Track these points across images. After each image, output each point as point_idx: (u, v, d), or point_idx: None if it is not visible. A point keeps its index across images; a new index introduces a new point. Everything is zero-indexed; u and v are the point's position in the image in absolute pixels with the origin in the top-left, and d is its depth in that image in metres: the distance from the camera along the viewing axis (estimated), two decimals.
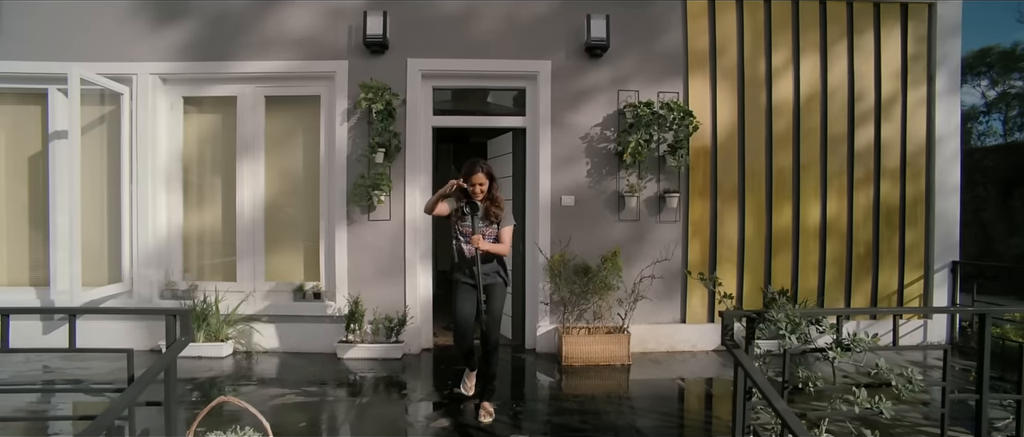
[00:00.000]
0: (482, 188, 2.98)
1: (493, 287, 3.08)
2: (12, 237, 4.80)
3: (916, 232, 4.88)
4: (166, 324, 2.18)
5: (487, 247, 2.97)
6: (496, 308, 3.10)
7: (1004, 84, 16.24)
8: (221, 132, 4.81)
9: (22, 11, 4.58)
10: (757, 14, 4.73)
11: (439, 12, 4.56)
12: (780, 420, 1.89)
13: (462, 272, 3.09)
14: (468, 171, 2.97)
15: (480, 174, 2.97)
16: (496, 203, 3.05)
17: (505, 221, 3.08)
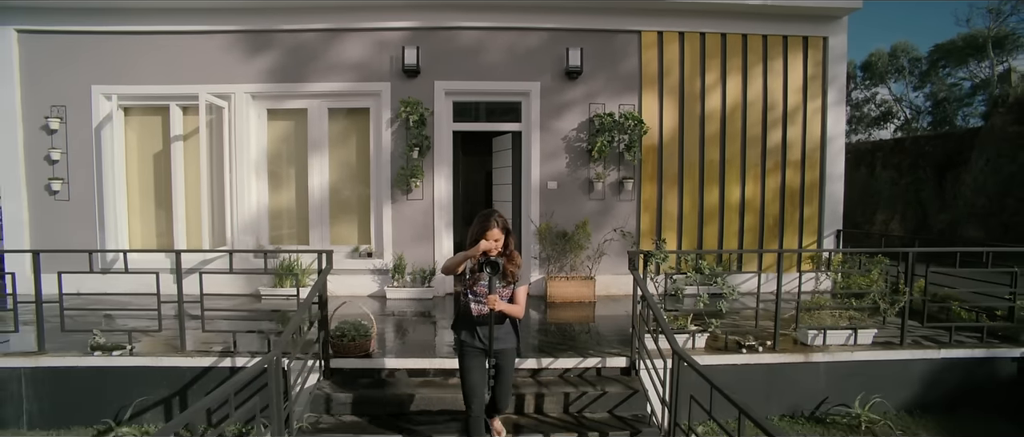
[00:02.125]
0: (498, 244, 2.73)
1: (505, 353, 2.89)
2: (144, 213, 6.50)
3: (812, 208, 6.55)
4: (318, 257, 3.90)
5: (503, 308, 2.72)
6: (508, 376, 2.96)
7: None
8: (295, 135, 6.47)
9: (148, 45, 6.21)
10: (694, 45, 6.34)
11: (457, 45, 6.18)
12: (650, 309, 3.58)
13: (471, 334, 2.84)
14: (483, 227, 2.69)
15: (495, 229, 2.70)
16: (513, 261, 2.81)
17: (521, 280, 2.86)
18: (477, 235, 2.69)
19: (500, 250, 2.75)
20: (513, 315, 2.83)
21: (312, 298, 3.65)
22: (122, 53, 6.20)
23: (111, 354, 3.97)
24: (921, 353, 4.22)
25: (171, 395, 3.94)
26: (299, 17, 6.14)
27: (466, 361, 2.84)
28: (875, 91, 31.96)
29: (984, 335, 4.44)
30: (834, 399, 4.12)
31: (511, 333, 2.92)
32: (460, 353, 2.88)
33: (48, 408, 3.95)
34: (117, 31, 6.17)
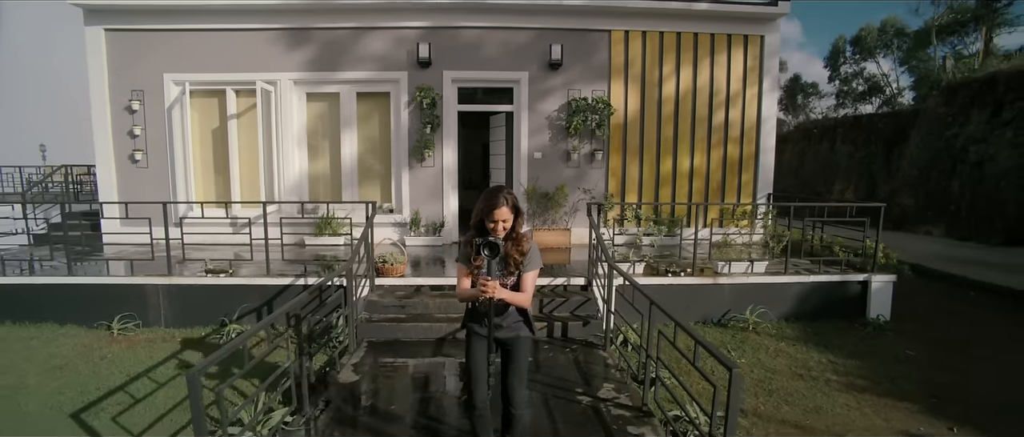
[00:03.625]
0: (505, 225, 2.44)
1: (515, 341, 2.59)
2: (205, 178, 8.03)
3: (748, 175, 8.11)
4: (367, 208, 5.47)
5: (504, 295, 2.39)
6: (520, 365, 2.60)
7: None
8: (329, 114, 7.96)
9: (208, 40, 7.63)
10: (654, 41, 7.80)
11: (462, 41, 7.62)
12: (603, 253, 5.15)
13: (476, 320, 2.59)
14: (489, 205, 2.40)
15: (504, 208, 2.41)
16: (519, 245, 2.50)
17: (529, 264, 2.52)
18: (483, 213, 2.41)
19: (507, 231, 2.45)
20: (518, 304, 2.49)
21: (365, 235, 5.25)
22: (188, 47, 7.63)
23: (219, 276, 5.58)
24: (797, 278, 5.86)
25: (262, 304, 5.56)
26: (332, 17, 7.56)
27: (471, 346, 2.61)
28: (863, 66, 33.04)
29: (842, 266, 6.06)
30: (734, 311, 5.75)
31: (519, 321, 2.58)
32: (466, 338, 2.66)
33: (178, 312, 5.58)
34: (184, 29, 7.58)
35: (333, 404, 3.62)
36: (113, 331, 5.39)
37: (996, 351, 5.03)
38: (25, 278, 5.70)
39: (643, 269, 5.89)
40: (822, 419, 3.67)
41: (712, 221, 7.88)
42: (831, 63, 34.67)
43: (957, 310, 6.35)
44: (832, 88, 34.83)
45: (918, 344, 5.18)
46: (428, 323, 4.98)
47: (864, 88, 31.95)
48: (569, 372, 4.17)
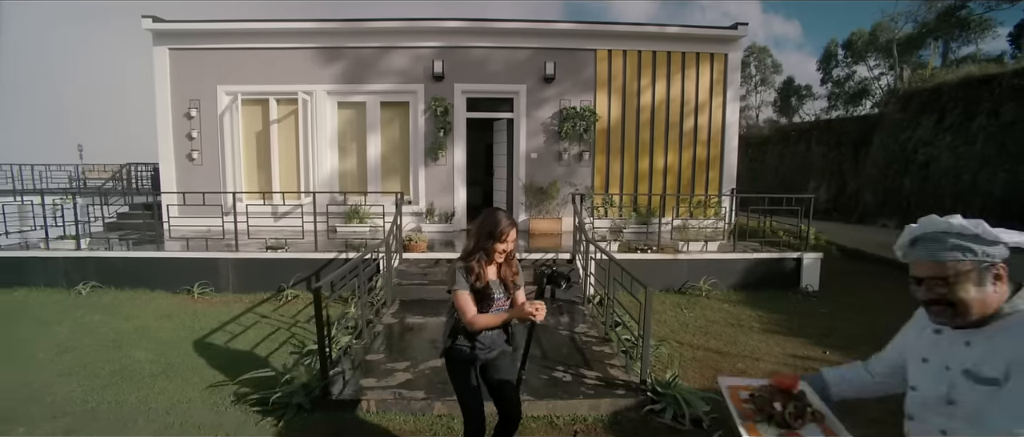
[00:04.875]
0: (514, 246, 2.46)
1: (499, 359, 2.57)
2: (250, 174, 9.40)
3: (715, 172, 9.48)
4: (396, 198, 6.86)
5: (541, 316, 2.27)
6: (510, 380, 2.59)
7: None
8: (356, 120, 9.34)
9: (254, 57, 9.00)
10: (633, 59, 9.16)
11: (470, 59, 9.00)
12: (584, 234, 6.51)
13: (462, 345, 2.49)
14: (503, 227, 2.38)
15: (514, 231, 2.42)
16: (512, 266, 2.51)
17: (522, 282, 2.58)
18: (494, 236, 2.38)
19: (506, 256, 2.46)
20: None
21: (395, 220, 6.63)
22: (238, 62, 9.00)
23: (276, 251, 6.96)
24: (743, 255, 7.23)
25: (311, 274, 6.93)
26: (361, 38, 8.94)
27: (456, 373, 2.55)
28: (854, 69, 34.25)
29: (780, 247, 7.44)
30: (691, 281, 7.11)
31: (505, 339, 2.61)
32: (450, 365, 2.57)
33: (243, 280, 6.96)
34: (234, 48, 8.96)
35: (381, 334, 5.01)
36: (194, 295, 6.77)
37: (890, 311, 6.39)
38: (123, 253, 7.09)
39: (618, 247, 7.26)
40: (737, 348, 5.04)
41: (684, 212, 9.24)
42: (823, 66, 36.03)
43: (878, 285, 7.72)
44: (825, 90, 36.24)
45: (834, 306, 6.55)
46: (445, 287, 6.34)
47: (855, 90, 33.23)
48: (556, 319, 5.54)
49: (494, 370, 2.58)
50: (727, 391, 1.69)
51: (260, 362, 4.54)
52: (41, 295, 6.66)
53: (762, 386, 1.65)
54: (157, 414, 3.61)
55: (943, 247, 1.29)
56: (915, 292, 1.36)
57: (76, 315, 5.87)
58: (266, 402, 3.63)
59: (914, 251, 1.35)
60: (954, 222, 1.30)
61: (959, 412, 1.28)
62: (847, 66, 34.38)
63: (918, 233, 1.34)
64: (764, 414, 1.54)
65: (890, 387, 1.60)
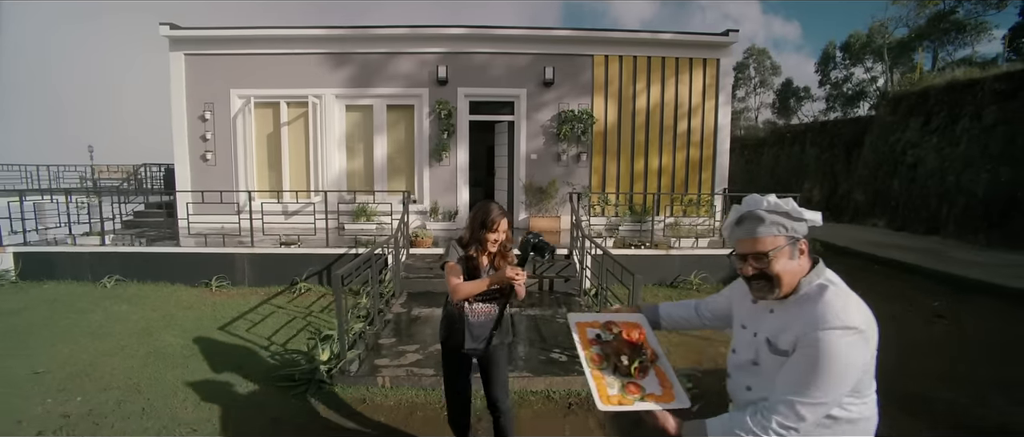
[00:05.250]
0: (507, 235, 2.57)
1: (498, 349, 2.65)
2: (261, 174, 9.81)
3: (707, 173, 9.87)
4: (403, 197, 7.26)
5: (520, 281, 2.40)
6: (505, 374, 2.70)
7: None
8: (364, 122, 9.74)
9: (266, 62, 9.41)
10: (629, 64, 9.57)
11: (473, 64, 9.40)
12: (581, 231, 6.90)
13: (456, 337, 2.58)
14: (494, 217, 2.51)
15: (505, 221, 2.52)
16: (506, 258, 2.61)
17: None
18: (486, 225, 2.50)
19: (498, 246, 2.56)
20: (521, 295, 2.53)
21: (403, 217, 7.02)
22: (250, 67, 9.41)
23: (289, 247, 7.36)
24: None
25: (322, 268, 7.33)
26: (368, 44, 9.36)
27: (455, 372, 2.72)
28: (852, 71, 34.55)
29: None
30: (683, 275, 7.52)
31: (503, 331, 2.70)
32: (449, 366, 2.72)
33: (258, 274, 7.36)
34: (246, 53, 9.37)
35: (391, 322, 5.41)
36: (212, 287, 7.18)
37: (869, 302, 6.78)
38: (145, 248, 7.49)
39: (613, 244, 7.66)
40: (721, 335, 5.41)
41: (677, 210, 9.64)
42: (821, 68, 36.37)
43: (858, 276, 8.08)
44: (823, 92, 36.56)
45: None
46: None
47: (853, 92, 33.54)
48: (553, 310, 5.94)
49: (487, 362, 2.66)
50: (576, 329, 1.75)
51: (281, 346, 4.94)
52: (70, 288, 7.06)
53: (607, 324, 1.77)
54: (195, 388, 4.00)
55: (763, 224, 1.40)
56: (740, 268, 1.47)
57: (105, 305, 6.27)
58: (292, 378, 4.03)
59: (740, 230, 1.45)
60: (770, 200, 1.42)
61: (761, 372, 1.45)
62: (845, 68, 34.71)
63: (743, 211, 1.45)
64: (610, 363, 1.65)
65: (712, 326, 1.79)
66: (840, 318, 1.29)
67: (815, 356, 1.28)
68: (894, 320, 6.02)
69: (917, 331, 5.65)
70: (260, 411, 3.70)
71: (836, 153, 16.38)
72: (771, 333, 1.42)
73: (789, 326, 1.37)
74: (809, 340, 1.30)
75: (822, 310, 1.32)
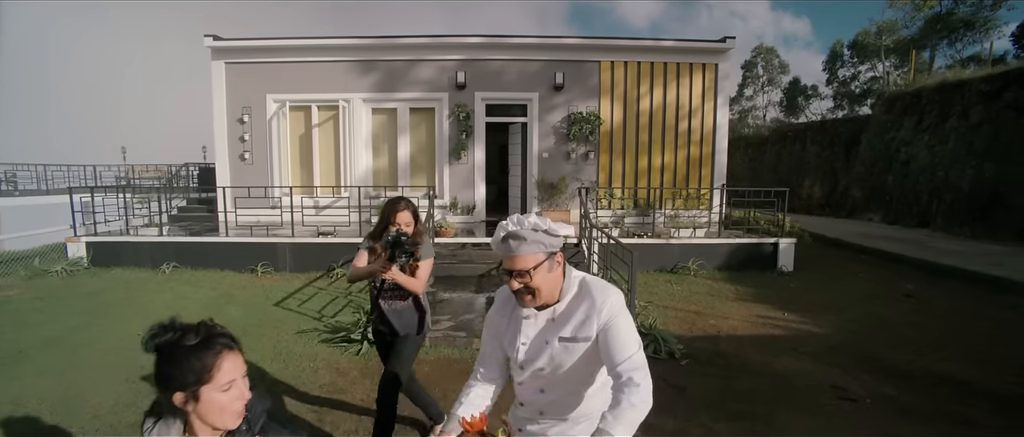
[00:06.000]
0: (407, 229, 2.75)
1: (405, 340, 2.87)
2: (294, 172, 10.67)
3: (706, 169, 10.60)
4: (428, 193, 8.07)
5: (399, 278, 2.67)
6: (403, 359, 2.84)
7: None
8: (388, 124, 10.57)
9: (298, 69, 10.26)
10: (633, 69, 10.31)
11: (489, 70, 10.19)
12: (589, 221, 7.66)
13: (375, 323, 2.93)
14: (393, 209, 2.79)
15: (406, 213, 2.79)
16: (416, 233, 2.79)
17: (424, 253, 2.81)
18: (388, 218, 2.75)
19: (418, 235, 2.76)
20: (410, 288, 2.77)
21: (429, 210, 7.84)
22: (284, 74, 10.27)
23: (326, 237, 8.20)
24: (727, 240, 8.37)
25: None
26: (393, 52, 10.18)
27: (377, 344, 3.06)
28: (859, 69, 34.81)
29: (760, 234, 8.56)
30: (682, 263, 8.26)
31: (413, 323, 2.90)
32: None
33: (298, 261, 8.21)
34: (280, 61, 10.23)
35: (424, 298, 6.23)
36: (257, 273, 8.03)
37: (849, 287, 7.51)
38: (197, 238, 8.38)
39: (617, 233, 8.42)
40: (712, 311, 6.19)
41: (679, 204, 10.37)
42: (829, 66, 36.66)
43: (846, 266, 8.82)
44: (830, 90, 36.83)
45: (803, 283, 7.67)
46: (472, 264, 7.56)
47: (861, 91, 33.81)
48: None
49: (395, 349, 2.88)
50: None
51: (329, 318, 5.77)
52: (135, 273, 7.95)
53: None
54: (266, 350, 4.84)
55: (525, 243, 1.51)
56: (508, 283, 1.58)
57: (170, 286, 7.15)
58: (348, 340, 4.86)
59: (504, 247, 1.54)
60: (531, 220, 1.54)
61: (551, 371, 1.62)
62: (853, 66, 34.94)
63: (508, 231, 1.55)
64: None
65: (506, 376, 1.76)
66: (609, 290, 1.60)
67: (620, 319, 1.55)
68: (870, 300, 6.75)
69: (887, 308, 6.37)
70: (325, 363, 4.53)
71: (836, 151, 17.00)
72: (566, 333, 1.59)
73: (580, 319, 1.57)
74: (609, 313, 1.55)
75: (597, 293, 1.58)
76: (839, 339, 5.25)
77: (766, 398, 3.86)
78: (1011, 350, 4.92)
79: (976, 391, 4.03)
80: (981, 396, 3.94)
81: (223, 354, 1.26)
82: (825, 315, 6.05)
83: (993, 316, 6.06)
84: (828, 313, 6.12)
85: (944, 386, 4.11)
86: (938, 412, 3.66)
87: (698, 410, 3.67)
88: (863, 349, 4.94)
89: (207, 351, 1.24)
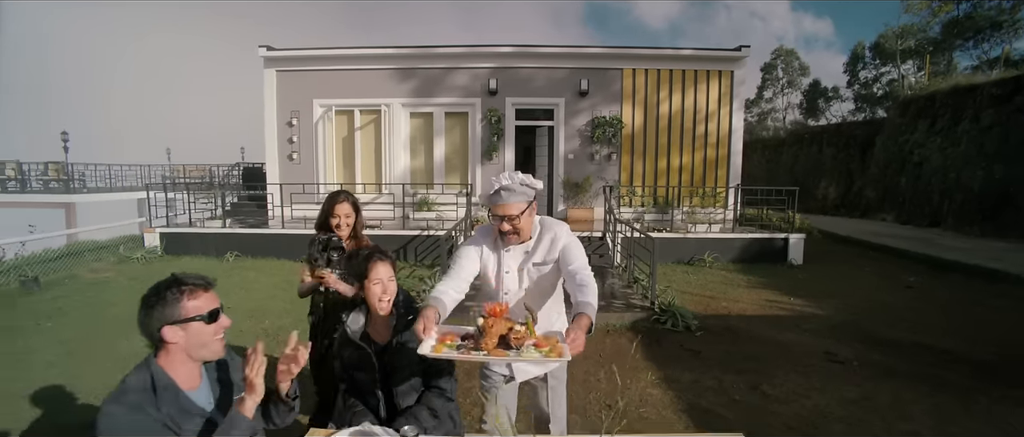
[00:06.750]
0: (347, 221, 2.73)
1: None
2: (338, 170, 11.56)
3: (722, 170, 11.23)
4: (466, 190, 8.87)
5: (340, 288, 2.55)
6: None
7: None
8: (425, 126, 11.41)
9: (343, 76, 11.15)
10: (653, 75, 11.00)
11: (519, 77, 10.97)
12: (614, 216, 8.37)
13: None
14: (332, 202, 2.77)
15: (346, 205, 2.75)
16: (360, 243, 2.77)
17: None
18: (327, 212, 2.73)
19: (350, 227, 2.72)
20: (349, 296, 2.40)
21: (467, 205, 8.63)
22: (330, 81, 11.17)
23: (373, 229, 9.05)
24: (741, 235, 9.00)
25: (400, 247, 8.98)
26: (430, 61, 11.02)
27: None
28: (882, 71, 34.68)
29: (772, 230, 9.17)
30: (697, 255, 8.91)
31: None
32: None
33: None
34: (326, 69, 11.13)
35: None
36: None
37: (853, 276, 8.10)
38: (256, 230, 9.29)
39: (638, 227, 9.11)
40: (724, 295, 6.85)
41: (696, 202, 11.01)
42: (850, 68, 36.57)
43: (853, 260, 9.38)
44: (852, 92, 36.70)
45: (810, 273, 8.27)
46: None
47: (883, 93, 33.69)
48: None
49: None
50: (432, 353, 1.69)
51: None
52: (202, 260, 8.87)
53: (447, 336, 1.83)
54: None
55: (514, 194, 1.93)
56: (498, 225, 2.00)
57: (238, 273, 8.04)
58: None
59: (497, 197, 1.95)
60: (519, 176, 1.95)
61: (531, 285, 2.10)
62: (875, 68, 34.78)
63: (500, 185, 1.96)
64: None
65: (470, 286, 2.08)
66: (561, 225, 2.13)
67: (571, 242, 2.06)
68: (874, 289, 7.35)
69: (889, 295, 6.97)
70: None
71: (851, 153, 17.41)
72: (538, 259, 2.07)
73: (545, 247, 2.07)
74: (564, 240, 2.06)
75: (555, 228, 2.10)
76: (840, 319, 5.89)
77: (767, 360, 4.54)
78: (997, 329, 5.51)
79: (957, 358, 4.65)
80: (960, 362, 4.57)
81: (376, 259, 2.06)
82: (829, 300, 6.67)
83: (988, 303, 6.61)
84: (832, 298, 6.75)
85: (928, 354, 4.75)
86: (918, 373, 4.30)
87: (710, 367, 4.37)
88: (861, 327, 5.57)
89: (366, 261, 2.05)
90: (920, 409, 3.60)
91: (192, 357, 1.56)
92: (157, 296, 1.51)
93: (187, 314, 1.51)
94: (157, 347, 1.53)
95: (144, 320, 1.51)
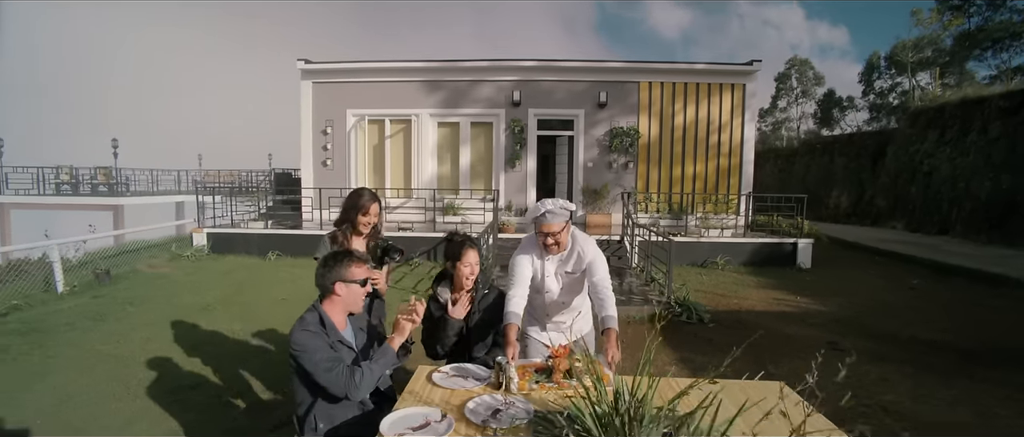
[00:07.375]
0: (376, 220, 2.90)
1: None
2: (369, 176, 12.24)
3: (735, 179, 11.72)
4: (492, 196, 9.49)
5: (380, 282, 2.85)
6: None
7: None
8: (452, 136, 12.07)
9: (374, 88, 11.86)
10: (668, 88, 11.56)
11: (541, 89, 11.60)
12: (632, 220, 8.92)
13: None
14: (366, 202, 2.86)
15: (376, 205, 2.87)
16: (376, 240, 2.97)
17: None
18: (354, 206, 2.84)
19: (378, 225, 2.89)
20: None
21: (494, 210, 9.23)
22: (361, 92, 11.88)
23: (405, 231, 9.69)
24: (751, 239, 9.50)
25: (429, 248, 9.60)
26: (456, 74, 11.70)
27: None
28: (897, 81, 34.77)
29: (781, 235, 9.65)
30: (710, 258, 9.41)
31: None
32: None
33: None
34: (359, 81, 11.85)
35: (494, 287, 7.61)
36: None
37: (858, 280, 8.55)
38: (295, 231, 9.98)
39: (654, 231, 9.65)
40: (735, 294, 7.37)
41: (709, 209, 11.51)
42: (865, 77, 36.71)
43: (860, 265, 9.82)
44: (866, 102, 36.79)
45: (817, 276, 8.74)
46: None
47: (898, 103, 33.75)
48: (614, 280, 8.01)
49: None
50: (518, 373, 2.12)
51: (424, 292, 7.19)
52: (247, 259, 9.58)
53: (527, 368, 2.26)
54: None
55: (556, 216, 2.41)
56: (544, 240, 2.46)
57: (282, 270, 8.72)
58: None
59: (543, 219, 2.42)
60: (559, 202, 2.43)
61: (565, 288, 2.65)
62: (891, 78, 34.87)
63: (545, 209, 2.42)
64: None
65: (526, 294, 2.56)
66: (589, 241, 2.62)
67: (597, 257, 2.57)
68: (878, 290, 7.82)
69: (892, 296, 7.44)
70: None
71: (862, 163, 17.76)
72: (569, 268, 2.60)
73: (575, 259, 2.59)
74: (591, 259, 2.56)
75: (584, 244, 2.59)
76: (843, 315, 6.38)
77: (773, 346, 5.06)
78: (990, 326, 5.98)
79: (946, 347, 5.15)
80: (949, 350, 5.06)
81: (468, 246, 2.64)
82: (834, 299, 7.17)
83: (988, 304, 7.06)
84: (837, 297, 7.24)
85: (920, 344, 5.24)
86: (907, 358, 4.81)
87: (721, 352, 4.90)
88: (862, 322, 6.07)
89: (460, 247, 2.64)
90: (903, 386, 4.12)
91: (346, 307, 2.18)
92: (336, 260, 2.13)
93: (353, 277, 2.15)
94: (324, 296, 2.15)
95: (324, 274, 2.14)
